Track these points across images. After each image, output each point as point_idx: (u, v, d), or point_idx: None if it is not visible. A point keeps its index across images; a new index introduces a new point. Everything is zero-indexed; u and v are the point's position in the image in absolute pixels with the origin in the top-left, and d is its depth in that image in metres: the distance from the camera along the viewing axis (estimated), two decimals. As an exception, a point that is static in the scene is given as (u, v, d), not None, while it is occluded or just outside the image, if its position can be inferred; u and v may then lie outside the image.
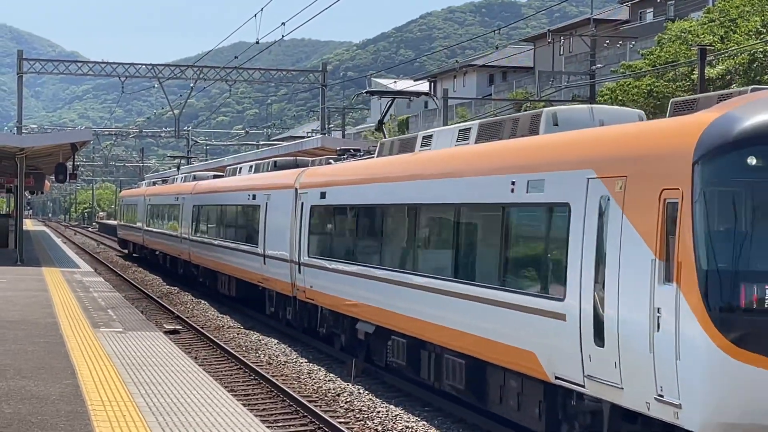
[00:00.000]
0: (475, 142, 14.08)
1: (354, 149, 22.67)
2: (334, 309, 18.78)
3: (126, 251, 53.91)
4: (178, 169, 51.02)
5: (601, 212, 9.58)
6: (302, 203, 20.94)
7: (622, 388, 8.88)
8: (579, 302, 9.82)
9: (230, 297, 27.34)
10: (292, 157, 28.09)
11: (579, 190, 10.04)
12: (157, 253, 41.03)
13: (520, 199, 11.44)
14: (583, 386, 9.72)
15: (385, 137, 21.72)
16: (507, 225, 11.77)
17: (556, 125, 12.47)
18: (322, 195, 19.90)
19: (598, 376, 9.34)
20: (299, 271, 20.69)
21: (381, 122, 22.09)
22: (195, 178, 35.56)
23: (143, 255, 46.19)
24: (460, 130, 15.30)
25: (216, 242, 28.16)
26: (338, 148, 23.44)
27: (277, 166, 25.50)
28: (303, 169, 22.66)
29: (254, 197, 24.38)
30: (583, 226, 9.94)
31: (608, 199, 9.45)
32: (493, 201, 12.25)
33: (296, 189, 21.40)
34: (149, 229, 42.82)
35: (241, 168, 29.57)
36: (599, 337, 9.35)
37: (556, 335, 10.30)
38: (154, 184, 48.59)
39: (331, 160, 22.11)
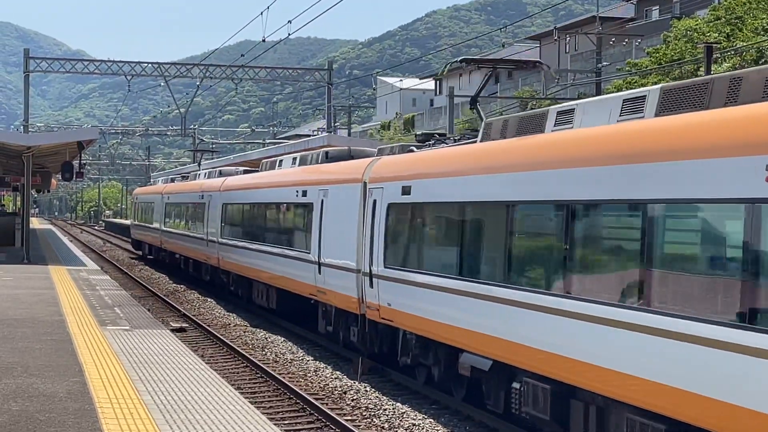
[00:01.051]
0: (656, 116, 10.12)
1: (439, 134, 19.02)
2: (422, 334, 14.86)
3: (140, 253, 50.48)
4: (199, 164, 46.12)
5: None
6: (375, 200, 17.17)
7: None
8: None
9: (268, 309, 24.24)
10: (345, 147, 24.28)
11: None
12: (177, 256, 37.38)
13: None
14: None
15: (449, 124, 20.27)
16: (752, 230, 7.99)
17: None
18: (405, 190, 16.12)
19: None
20: (371, 285, 16.87)
21: (475, 99, 16.54)
22: (221, 174, 32.10)
23: (161, 258, 42.80)
24: (625, 100, 11.19)
25: (253, 246, 24.76)
26: (419, 133, 19.97)
27: (329, 158, 22.04)
28: (373, 158, 18.83)
29: (305, 194, 21.04)
30: None
31: None
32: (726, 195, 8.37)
33: (365, 183, 17.79)
34: (168, 230, 39.07)
35: (281, 161, 25.96)
36: None
37: None
38: (172, 180, 45.07)
39: (413, 148, 18.18)
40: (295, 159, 23.98)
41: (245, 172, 30.58)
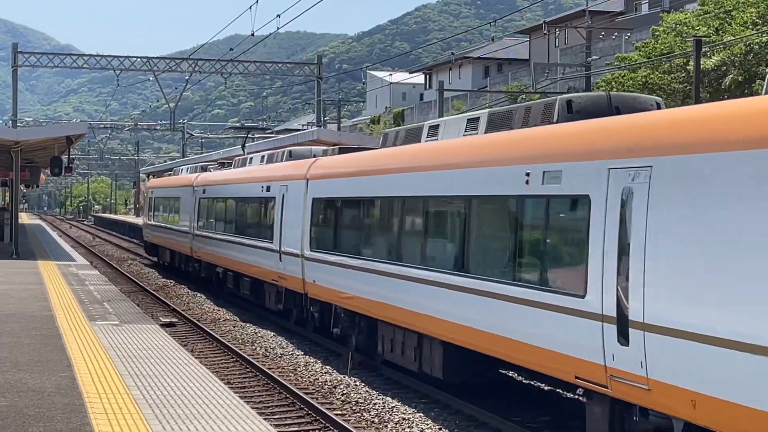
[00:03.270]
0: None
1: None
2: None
3: (155, 259, 41.47)
4: (244, 148, 36.35)
5: None
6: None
7: None
8: None
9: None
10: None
11: None
12: (219, 270, 27.83)
13: None
14: None
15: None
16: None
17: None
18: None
19: None
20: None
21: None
22: (291, 155, 23.75)
23: (189, 269, 32.62)
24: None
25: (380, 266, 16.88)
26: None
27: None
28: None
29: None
30: None
31: None
32: None
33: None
34: (207, 234, 29.44)
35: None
36: None
37: None
38: (204, 169, 35.70)
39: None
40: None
41: (333, 152, 21.80)
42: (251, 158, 27.92)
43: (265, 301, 23.51)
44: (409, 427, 13.18)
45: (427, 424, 13.17)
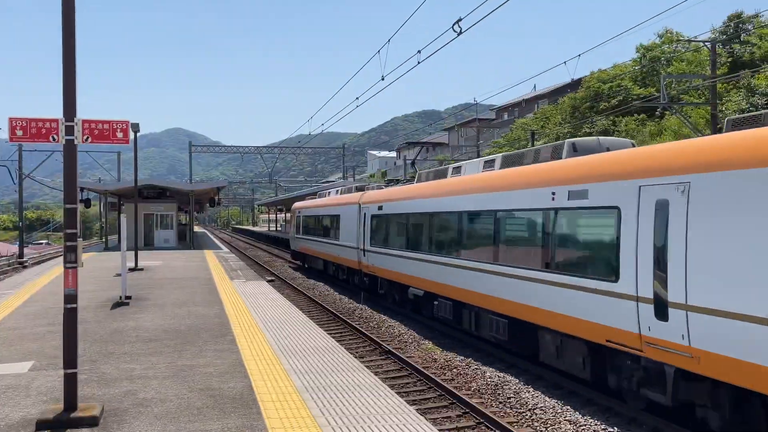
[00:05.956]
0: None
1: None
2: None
3: (299, 263, 43.72)
4: (414, 164, 35.61)
5: None
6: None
7: None
8: None
9: None
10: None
11: None
12: (412, 294, 21.96)
13: None
14: None
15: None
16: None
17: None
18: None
19: None
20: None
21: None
22: (576, 150, 15.72)
23: (360, 283, 27.97)
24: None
25: None
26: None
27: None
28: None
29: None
30: None
31: None
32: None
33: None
34: (385, 251, 24.20)
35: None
36: None
37: None
38: (359, 189, 31.26)
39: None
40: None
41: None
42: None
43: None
44: (391, 326, 21.39)
45: (405, 328, 21.23)
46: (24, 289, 24.39)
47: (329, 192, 38.66)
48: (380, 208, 25.24)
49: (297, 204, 45.93)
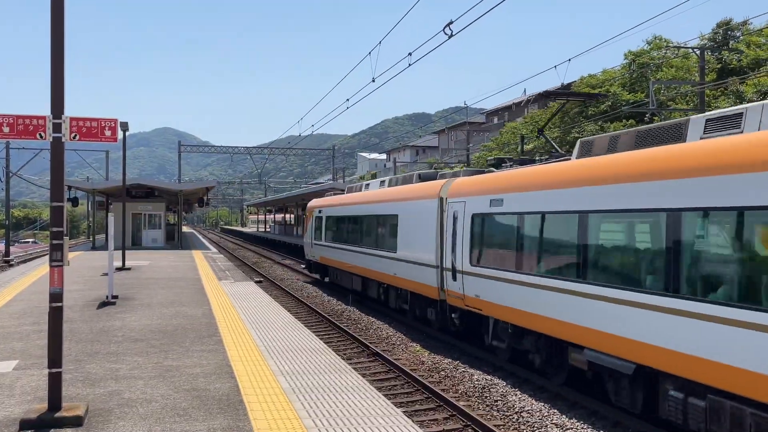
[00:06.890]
0: None
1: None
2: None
3: (317, 276, 34.93)
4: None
5: None
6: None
7: None
8: None
9: None
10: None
11: None
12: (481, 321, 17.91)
13: None
14: None
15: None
16: None
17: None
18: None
19: None
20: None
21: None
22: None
23: (448, 322, 19.38)
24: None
25: None
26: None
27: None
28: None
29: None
30: None
31: None
32: None
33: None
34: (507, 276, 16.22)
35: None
36: None
37: None
38: (421, 177, 23.20)
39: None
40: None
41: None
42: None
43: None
44: (379, 329, 21.65)
45: (393, 329, 21.49)
46: (9, 287, 24.50)
47: (366, 185, 29.06)
48: (498, 202, 15.56)
49: (315, 201, 35.37)
